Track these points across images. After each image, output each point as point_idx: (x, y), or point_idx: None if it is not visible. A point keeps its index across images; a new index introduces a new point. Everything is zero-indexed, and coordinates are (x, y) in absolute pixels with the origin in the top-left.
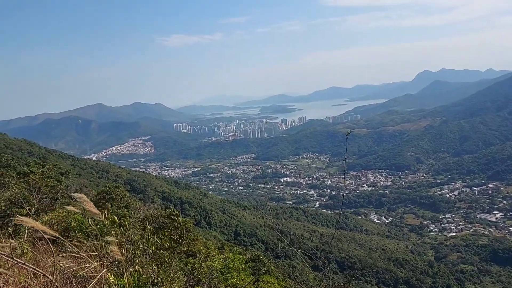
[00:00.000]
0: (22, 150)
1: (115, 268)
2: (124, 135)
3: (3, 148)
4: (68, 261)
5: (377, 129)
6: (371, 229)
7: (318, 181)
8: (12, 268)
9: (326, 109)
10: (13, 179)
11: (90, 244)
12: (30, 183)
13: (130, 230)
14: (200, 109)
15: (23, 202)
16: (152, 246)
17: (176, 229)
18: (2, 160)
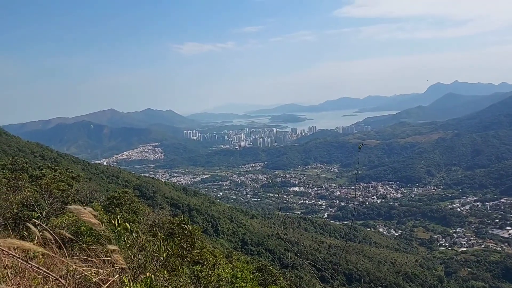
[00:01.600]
0: (34, 154)
1: (127, 274)
2: (135, 140)
3: (16, 151)
4: (80, 265)
5: (388, 141)
6: (380, 242)
7: (327, 191)
8: (25, 271)
9: (337, 119)
10: (25, 182)
11: (102, 249)
12: (42, 187)
13: (142, 236)
14: (211, 117)
15: (35, 205)
16: (164, 253)
17: (186, 237)
18: (16, 164)
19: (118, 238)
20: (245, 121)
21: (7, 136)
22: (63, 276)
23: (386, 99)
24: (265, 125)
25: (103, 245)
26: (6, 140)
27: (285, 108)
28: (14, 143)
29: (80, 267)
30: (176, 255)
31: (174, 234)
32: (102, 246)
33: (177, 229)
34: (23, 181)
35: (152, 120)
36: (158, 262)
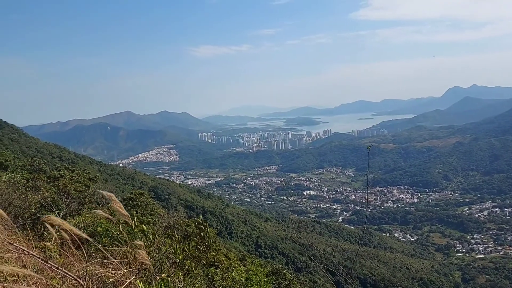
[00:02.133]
0: (52, 155)
1: (143, 275)
2: (151, 142)
3: (34, 152)
4: (97, 266)
5: (404, 145)
6: (396, 247)
7: (342, 195)
8: (43, 271)
9: (352, 122)
10: (44, 183)
11: (118, 250)
12: (60, 187)
13: (158, 238)
14: (226, 119)
15: (53, 206)
16: (180, 255)
17: (202, 239)
18: (34, 164)
19: (133, 239)
20: (260, 124)
21: (26, 137)
22: (80, 276)
23: (403, 103)
24: (279, 128)
25: (121, 245)
26: (25, 141)
27: (300, 111)
28: (33, 144)
29: (98, 268)
30: (191, 257)
31: (189, 236)
32: (119, 246)
33: (193, 231)
34: (41, 182)
35: (167, 123)
36: (174, 263)
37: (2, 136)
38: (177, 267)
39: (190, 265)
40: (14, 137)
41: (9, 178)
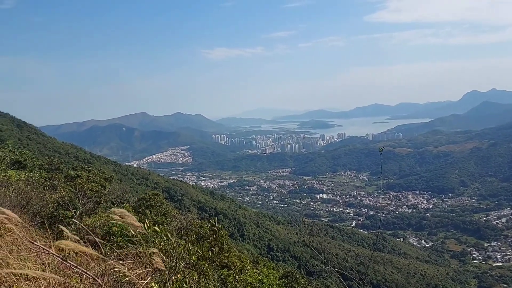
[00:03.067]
0: (69, 154)
1: (158, 275)
2: (164, 144)
3: (51, 151)
4: (114, 265)
5: (420, 149)
6: (410, 253)
7: (356, 199)
8: (61, 269)
9: (367, 126)
10: (61, 182)
11: (134, 251)
12: (77, 187)
13: (172, 239)
14: (239, 121)
15: (69, 205)
16: (193, 256)
17: (216, 241)
18: (52, 164)
19: (147, 239)
20: (273, 126)
21: (43, 136)
22: (98, 275)
23: (419, 107)
24: (293, 131)
25: (136, 246)
26: (42, 141)
27: (314, 114)
28: (50, 143)
29: (115, 267)
30: (205, 258)
31: (202, 237)
32: (135, 246)
33: (206, 232)
34: (58, 181)
35: (181, 124)
36: (188, 264)
37: (21, 136)
38: (191, 268)
39: (204, 266)
40: (32, 137)
41: (27, 177)
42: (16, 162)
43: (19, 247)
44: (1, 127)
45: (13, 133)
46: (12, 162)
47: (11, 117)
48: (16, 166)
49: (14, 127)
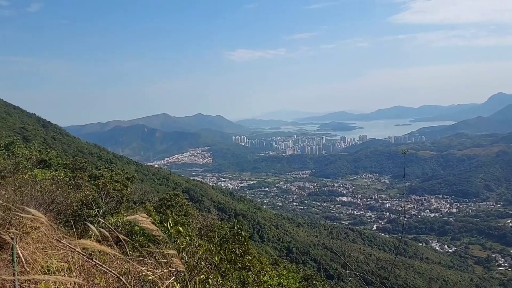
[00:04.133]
0: (92, 154)
1: (181, 276)
2: (185, 144)
3: (75, 151)
4: (137, 264)
5: (443, 152)
6: (432, 258)
7: (377, 202)
8: (86, 268)
9: (389, 128)
10: (85, 182)
11: (159, 250)
12: (100, 186)
13: (195, 239)
14: (259, 123)
15: (93, 204)
16: (216, 257)
17: (239, 243)
18: (76, 163)
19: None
20: (294, 128)
21: (68, 136)
22: (122, 274)
23: (443, 109)
24: (313, 133)
25: (157, 246)
26: (67, 140)
27: (335, 116)
28: (74, 143)
29: (138, 267)
30: (228, 260)
31: (223, 238)
32: (156, 246)
33: (226, 233)
34: (82, 180)
35: (202, 125)
36: (211, 265)
37: (46, 135)
38: (213, 269)
39: (226, 267)
40: (57, 137)
41: (53, 176)
42: (42, 161)
43: (44, 244)
44: (28, 126)
45: (38, 133)
46: (38, 161)
47: (37, 117)
48: (42, 165)
49: (40, 127)
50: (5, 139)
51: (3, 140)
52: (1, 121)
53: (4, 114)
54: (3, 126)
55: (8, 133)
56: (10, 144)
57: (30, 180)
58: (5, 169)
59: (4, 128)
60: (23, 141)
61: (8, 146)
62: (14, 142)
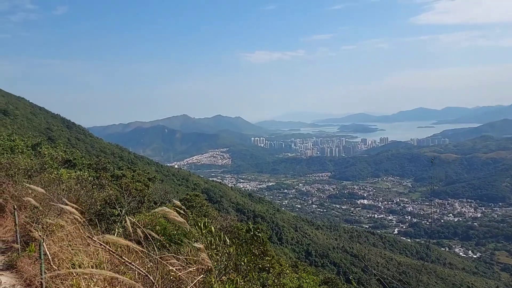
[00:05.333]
0: (114, 154)
1: (211, 274)
2: (205, 145)
3: (98, 151)
4: (165, 263)
5: (467, 155)
6: (456, 263)
7: (398, 206)
8: (115, 265)
9: (411, 130)
10: (108, 181)
11: (186, 248)
12: (122, 186)
13: (221, 240)
14: (279, 124)
15: (116, 203)
16: (244, 258)
17: (259, 244)
18: (99, 163)
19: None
20: (313, 129)
21: (91, 137)
22: (149, 272)
23: (467, 111)
24: (333, 135)
25: (182, 244)
26: (90, 141)
27: (355, 117)
28: (97, 143)
29: (167, 265)
30: (249, 261)
31: (246, 240)
32: (178, 245)
33: (245, 235)
34: (106, 180)
35: (221, 126)
36: (237, 266)
37: (70, 136)
38: (234, 270)
39: (248, 268)
40: (81, 137)
41: (77, 176)
42: (67, 161)
43: (69, 242)
44: (53, 127)
45: (63, 133)
46: (63, 161)
47: (61, 118)
48: (67, 165)
49: (64, 127)
50: (32, 139)
51: (30, 140)
52: (28, 121)
53: (30, 115)
54: (29, 127)
55: (34, 133)
56: (37, 145)
57: (56, 179)
58: (32, 168)
59: (30, 128)
60: (48, 142)
61: (35, 146)
62: (41, 142)
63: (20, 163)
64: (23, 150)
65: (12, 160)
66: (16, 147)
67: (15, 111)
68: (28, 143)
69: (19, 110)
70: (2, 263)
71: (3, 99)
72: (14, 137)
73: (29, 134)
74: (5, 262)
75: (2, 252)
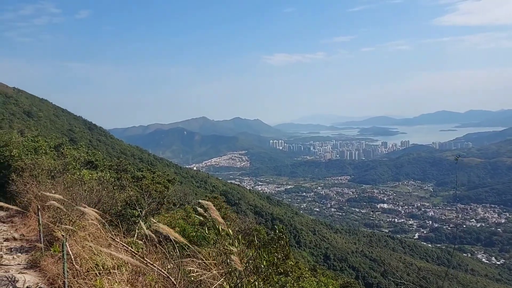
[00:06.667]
0: (134, 156)
1: (229, 278)
2: (223, 148)
3: (118, 153)
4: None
5: (491, 160)
6: (478, 270)
7: (419, 210)
8: (137, 266)
9: (433, 134)
10: (129, 182)
11: (211, 250)
12: (143, 187)
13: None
14: (297, 127)
15: (136, 204)
16: (264, 262)
17: (281, 248)
18: (120, 165)
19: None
20: (332, 132)
21: (112, 139)
22: (171, 274)
23: (491, 114)
24: (353, 138)
25: (200, 247)
26: (111, 143)
27: (376, 120)
28: (117, 145)
29: (193, 266)
30: (270, 264)
31: (267, 243)
32: (198, 247)
33: (264, 237)
34: (126, 181)
35: (239, 129)
36: (257, 269)
37: (91, 137)
38: (254, 273)
39: (268, 272)
40: (102, 139)
41: (99, 177)
42: (89, 162)
43: (91, 242)
44: (75, 129)
45: (84, 135)
46: (85, 162)
47: (83, 119)
48: (89, 166)
49: (86, 129)
50: (55, 140)
51: (53, 141)
52: (51, 123)
53: (53, 116)
54: (52, 128)
55: (57, 134)
56: (60, 146)
57: (78, 180)
58: (55, 169)
59: (53, 130)
60: (70, 143)
61: (58, 147)
62: (63, 143)
63: (44, 163)
64: (46, 151)
65: (36, 161)
66: (40, 148)
67: (38, 113)
68: (51, 144)
69: (43, 112)
70: (26, 261)
71: (27, 101)
72: (38, 138)
73: (52, 135)
74: (29, 261)
75: (26, 251)
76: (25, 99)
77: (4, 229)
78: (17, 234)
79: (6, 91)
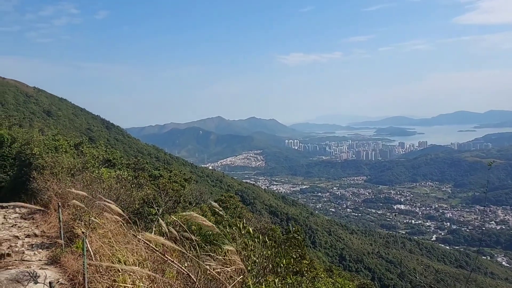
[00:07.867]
0: (150, 155)
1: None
2: (239, 147)
3: (135, 151)
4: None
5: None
6: (498, 273)
7: (437, 212)
8: (157, 263)
9: (451, 134)
10: (146, 181)
11: (213, 248)
12: (160, 186)
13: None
14: (313, 127)
15: (153, 203)
16: (283, 260)
17: (297, 248)
18: (138, 163)
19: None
20: (348, 132)
21: (129, 138)
22: (191, 271)
23: None
24: (369, 138)
25: (216, 245)
26: (128, 142)
27: (393, 120)
28: (134, 144)
29: (211, 264)
30: (287, 264)
31: (277, 241)
32: (213, 246)
33: (279, 237)
34: (144, 180)
35: (255, 128)
36: (274, 268)
37: (109, 136)
38: (272, 272)
39: (284, 271)
40: (119, 138)
41: (117, 175)
42: (107, 161)
43: (109, 239)
44: (93, 128)
45: (102, 134)
46: (104, 161)
47: (101, 119)
48: (107, 164)
49: (104, 128)
50: (74, 139)
51: (72, 140)
52: (70, 122)
53: (72, 115)
54: (71, 127)
55: (75, 133)
56: (79, 144)
57: (97, 178)
58: (75, 167)
59: (72, 128)
60: (89, 141)
61: (77, 146)
62: (83, 142)
63: (64, 162)
64: (66, 150)
65: (56, 159)
66: (60, 147)
67: (58, 112)
68: (71, 143)
69: (62, 111)
70: (46, 258)
71: (47, 101)
72: (58, 137)
73: (71, 134)
74: (50, 257)
75: (47, 247)
76: (45, 98)
77: (26, 225)
78: (38, 230)
79: (27, 91)
